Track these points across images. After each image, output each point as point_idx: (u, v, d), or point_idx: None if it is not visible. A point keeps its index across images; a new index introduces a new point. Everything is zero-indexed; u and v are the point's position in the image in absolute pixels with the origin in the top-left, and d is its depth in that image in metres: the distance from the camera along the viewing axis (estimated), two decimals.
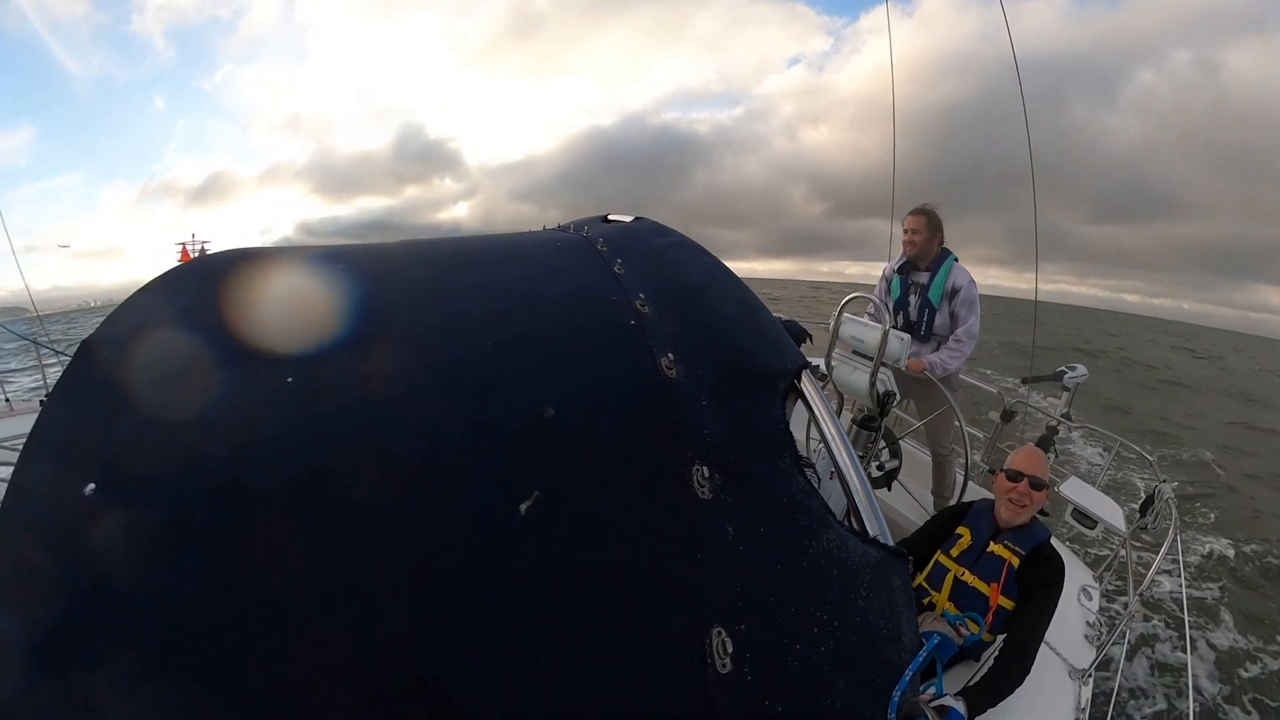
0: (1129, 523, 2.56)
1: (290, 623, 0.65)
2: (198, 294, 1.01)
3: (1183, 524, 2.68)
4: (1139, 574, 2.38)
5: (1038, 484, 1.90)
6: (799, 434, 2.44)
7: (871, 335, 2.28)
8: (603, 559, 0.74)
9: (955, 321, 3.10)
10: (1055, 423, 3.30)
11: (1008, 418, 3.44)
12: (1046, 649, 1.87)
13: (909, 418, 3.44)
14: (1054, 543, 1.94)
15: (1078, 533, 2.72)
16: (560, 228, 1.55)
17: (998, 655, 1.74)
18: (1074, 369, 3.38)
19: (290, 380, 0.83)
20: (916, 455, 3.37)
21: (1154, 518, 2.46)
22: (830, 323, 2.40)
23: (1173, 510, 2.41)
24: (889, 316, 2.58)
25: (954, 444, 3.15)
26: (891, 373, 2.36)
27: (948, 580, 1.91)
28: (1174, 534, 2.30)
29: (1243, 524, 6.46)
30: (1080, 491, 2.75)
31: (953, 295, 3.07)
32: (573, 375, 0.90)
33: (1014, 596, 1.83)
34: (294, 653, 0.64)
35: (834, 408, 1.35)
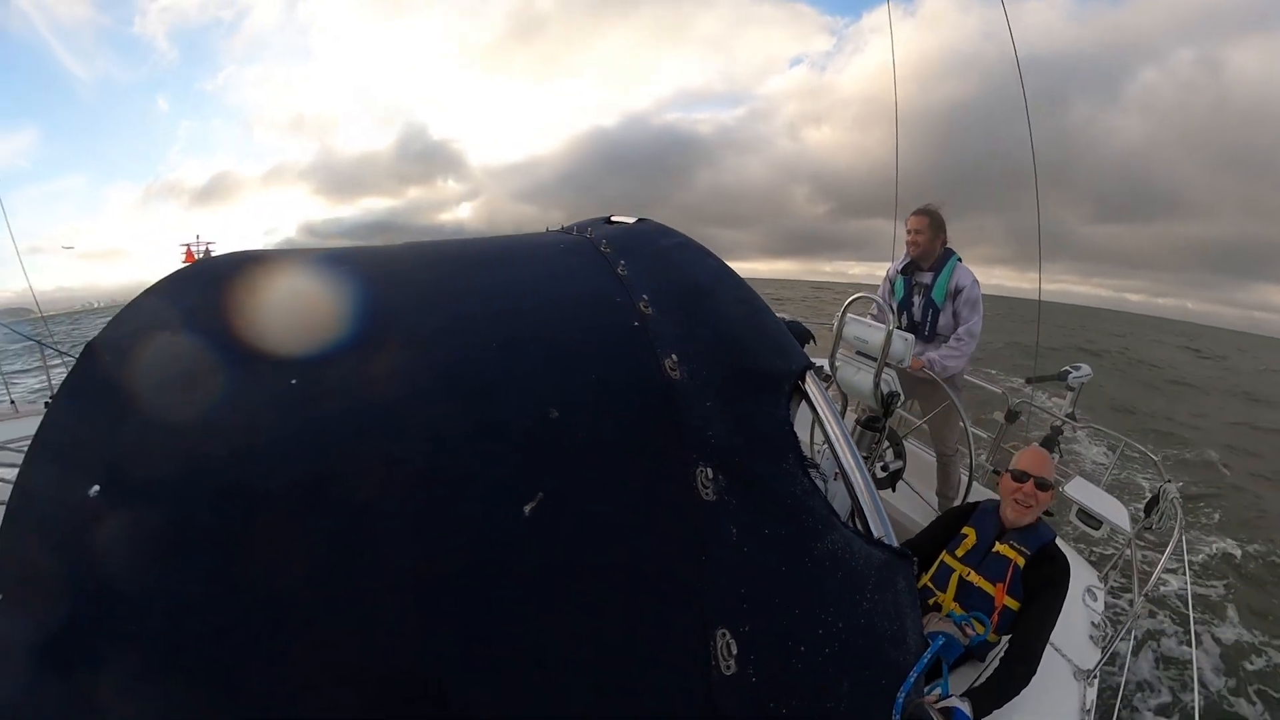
0: (1134, 523, 2.55)
1: (294, 624, 0.65)
2: (202, 296, 1.02)
3: (1188, 524, 2.67)
4: (1144, 574, 2.37)
5: (1043, 484, 1.89)
6: (803, 435, 2.45)
7: (875, 336, 2.27)
8: (607, 561, 0.74)
9: (958, 321, 3.09)
10: (1060, 423, 3.29)
11: (1012, 418, 3.43)
12: (1052, 649, 1.86)
13: (913, 419, 3.44)
14: (1059, 543, 1.93)
15: (1082, 533, 2.71)
16: (564, 229, 1.55)
17: (1003, 656, 1.73)
18: (1078, 369, 3.37)
19: (294, 382, 0.83)
20: (921, 456, 3.36)
21: (1159, 518, 2.44)
22: (834, 323, 2.40)
23: (1178, 510, 2.40)
24: (892, 317, 2.57)
25: (959, 444, 3.14)
26: (896, 373, 2.35)
27: (953, 581, 1.91)
28: (1179, 534, 2.29)
29: (1248, 524, 6.43)
30: (1085, 491, 2.74)
31: (956, 295, 3.06)
32: (576, 377, 0.90)
33: (1019, 597, 1.82)
34: (298, 654, 0.64)
35: (838, 409, 1.35)
